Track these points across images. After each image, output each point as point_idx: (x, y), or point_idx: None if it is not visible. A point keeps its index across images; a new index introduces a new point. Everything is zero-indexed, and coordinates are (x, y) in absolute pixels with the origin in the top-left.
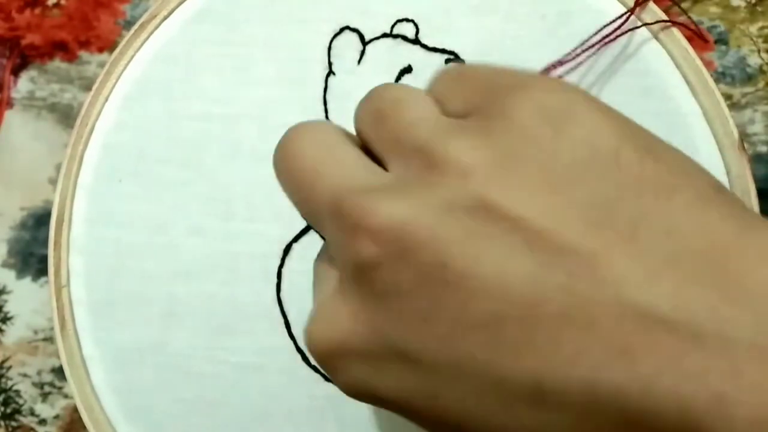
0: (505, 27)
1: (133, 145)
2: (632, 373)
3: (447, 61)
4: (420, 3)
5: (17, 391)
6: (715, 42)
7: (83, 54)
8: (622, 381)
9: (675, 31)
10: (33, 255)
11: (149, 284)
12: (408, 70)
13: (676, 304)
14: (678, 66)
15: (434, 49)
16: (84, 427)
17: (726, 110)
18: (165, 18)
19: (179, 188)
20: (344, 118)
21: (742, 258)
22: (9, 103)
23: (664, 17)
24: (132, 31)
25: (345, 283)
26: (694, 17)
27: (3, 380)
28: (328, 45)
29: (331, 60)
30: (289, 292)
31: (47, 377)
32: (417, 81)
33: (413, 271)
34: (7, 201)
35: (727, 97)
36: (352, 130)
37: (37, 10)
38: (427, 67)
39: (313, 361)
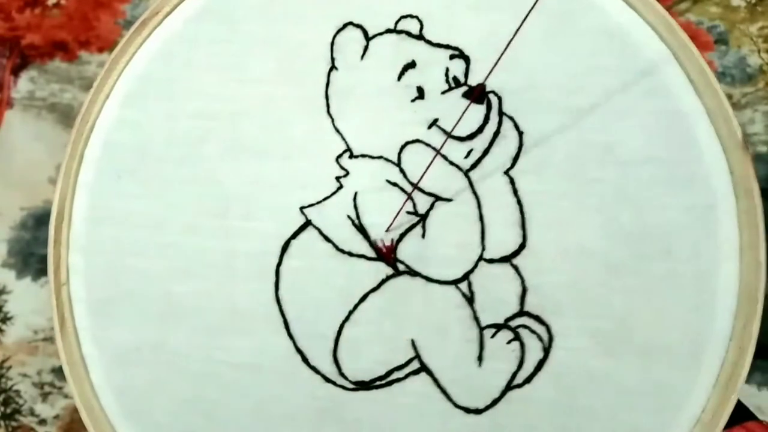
0: (509, 24)
1: (133, 143)
2: None
3: (452, 57)
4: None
5: (17, 391)
6: (715, 42)
7: (83, 54)
8: None
9: (678, 30)
10: (33, 255)
11: (148, 282)
12: (412, 65)
13: None
14: (681, 65)
15: (438, 45)
16: (84, 427)
17: (729, 110)
18: (166, 16)
19: (178, 186)
20: (345, 112)
21: None
22: (9, 103)
23: (667, 16)
24: (133, 28)
25: None
26: (694, 17)
27: (3, 380)
28: (330, 41)
29: (334, 55)
30: (288, 291)
31: (47, 377)
32: (421, 76)
33: None
34: (7, 201)
35: (728, 97)
36: (353, 126)
37: (37, 10)
38: (431, 63)
39: (313, 362)
